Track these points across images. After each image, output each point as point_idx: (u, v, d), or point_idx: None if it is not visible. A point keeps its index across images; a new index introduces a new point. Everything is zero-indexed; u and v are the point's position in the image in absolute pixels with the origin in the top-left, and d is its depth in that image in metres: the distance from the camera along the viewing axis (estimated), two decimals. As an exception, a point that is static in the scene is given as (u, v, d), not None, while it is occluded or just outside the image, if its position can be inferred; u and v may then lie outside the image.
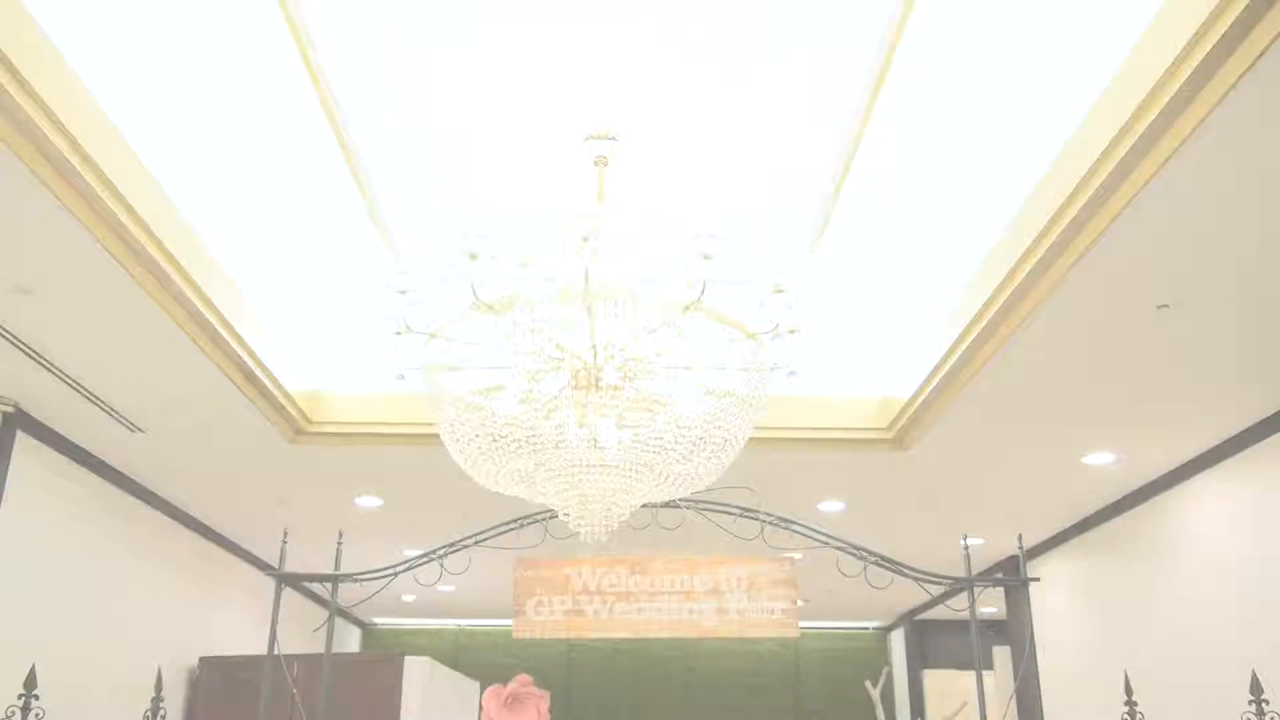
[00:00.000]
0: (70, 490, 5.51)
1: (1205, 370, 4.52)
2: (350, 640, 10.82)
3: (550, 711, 10.03)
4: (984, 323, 4.23)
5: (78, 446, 5.47)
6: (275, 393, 4.96)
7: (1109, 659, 6.49)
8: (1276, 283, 3.76)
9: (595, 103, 3.44)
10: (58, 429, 5.24)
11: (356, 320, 4.82)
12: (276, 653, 3.75)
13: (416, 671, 6.96)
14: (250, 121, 3.60)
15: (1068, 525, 7.10)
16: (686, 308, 2.63)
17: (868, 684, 9.69)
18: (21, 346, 4.28)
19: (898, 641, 11.05)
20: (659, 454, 2.80)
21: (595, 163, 3.47)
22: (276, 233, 4.29)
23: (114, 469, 5.85)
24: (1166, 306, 3.94)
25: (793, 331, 2.89)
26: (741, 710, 10.63)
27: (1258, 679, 3.85)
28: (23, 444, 5.01)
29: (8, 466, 4.88)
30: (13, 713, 3.84)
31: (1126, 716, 3.83)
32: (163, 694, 3.96)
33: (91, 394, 4.78)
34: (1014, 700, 7.35)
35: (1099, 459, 5.69)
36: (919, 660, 10.66)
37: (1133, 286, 3.80)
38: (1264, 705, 3.80)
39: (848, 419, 5.49)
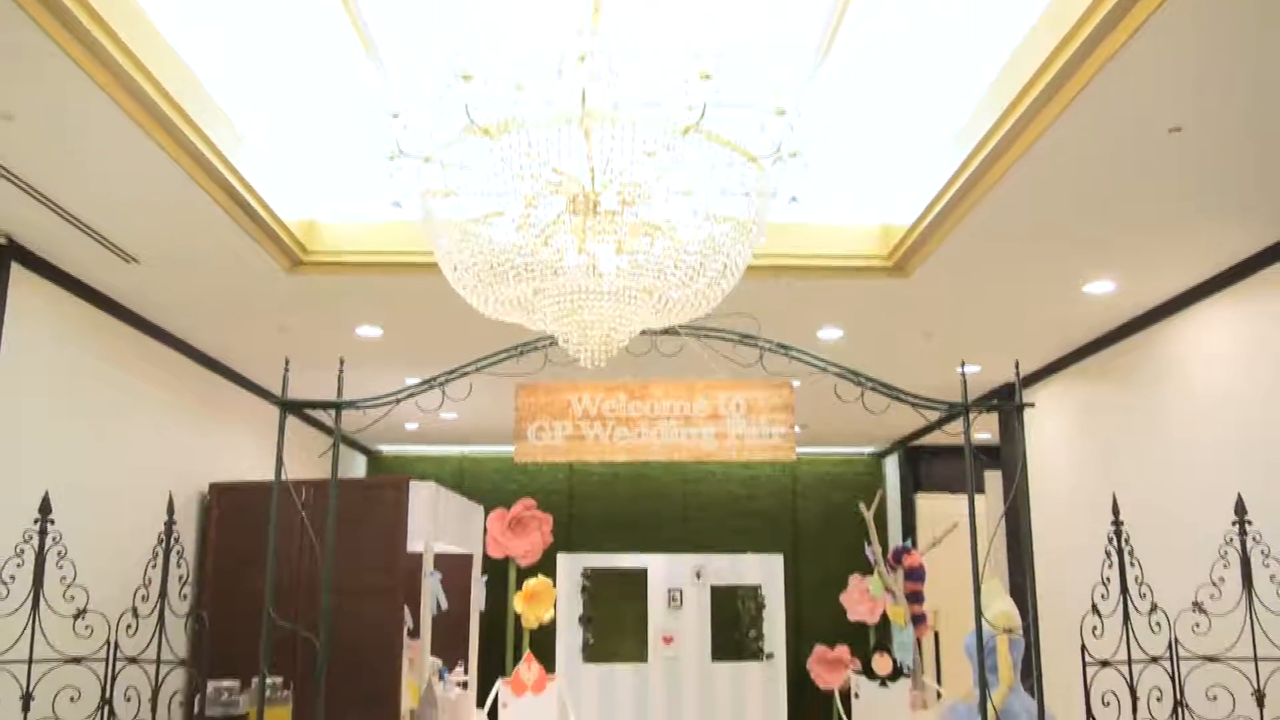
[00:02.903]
0: (70, 322, 5.53)
1: (1212, 197, 4.47)
2: (356, 467, 11.07)
3: (552, 534, 10.42)
4: (989, 147, 4.15)
5: (74, 279, 5.45)
6: (270, 222, 4.90)
7: (1100, 484, 6.65)
8: (1291, 105, 3.68)
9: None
10: (52, 260, 5.21)
11: (350, 148, 4.72)
12: (284, 478, 3.83)
13: (422, 495, 7.13)
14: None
15: (1065, 353, 7.15)
16: (686, 130, 2.56)
17: (861, 506, 9.98)
18: (6, 175, 4.20)
19: (892, 466, 11.31)
20: (658, 280, 2.78)
21: (592, -21, 3.32)
22: (267, 60, 4.15)
23: (112, 300, 5.85)
24: (1179, 130, 3.85)
25: (794, 155, 2.83)
26: (740, 532, 10.97)
27: (1242, 500, 3.95)
28: (18, 276, 5.00)
29: (4, 300, 4.88)
30: (30, 536, 3.96)
31: (1112, 535, 3.95)
32: (175, 518, 4.07)
33: (83, 224, 4.73)
34: (1003, 521, 7.59)
35: (1100, 287, 5.68)
36: (912, 484, 10.94)
37: (1144, 108, 3.71)
38: (1247, 525, 3.92)
39: (848, 246, 5.45)
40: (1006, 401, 4.07)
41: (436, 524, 7.34)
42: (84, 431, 5.68)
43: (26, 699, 3.80)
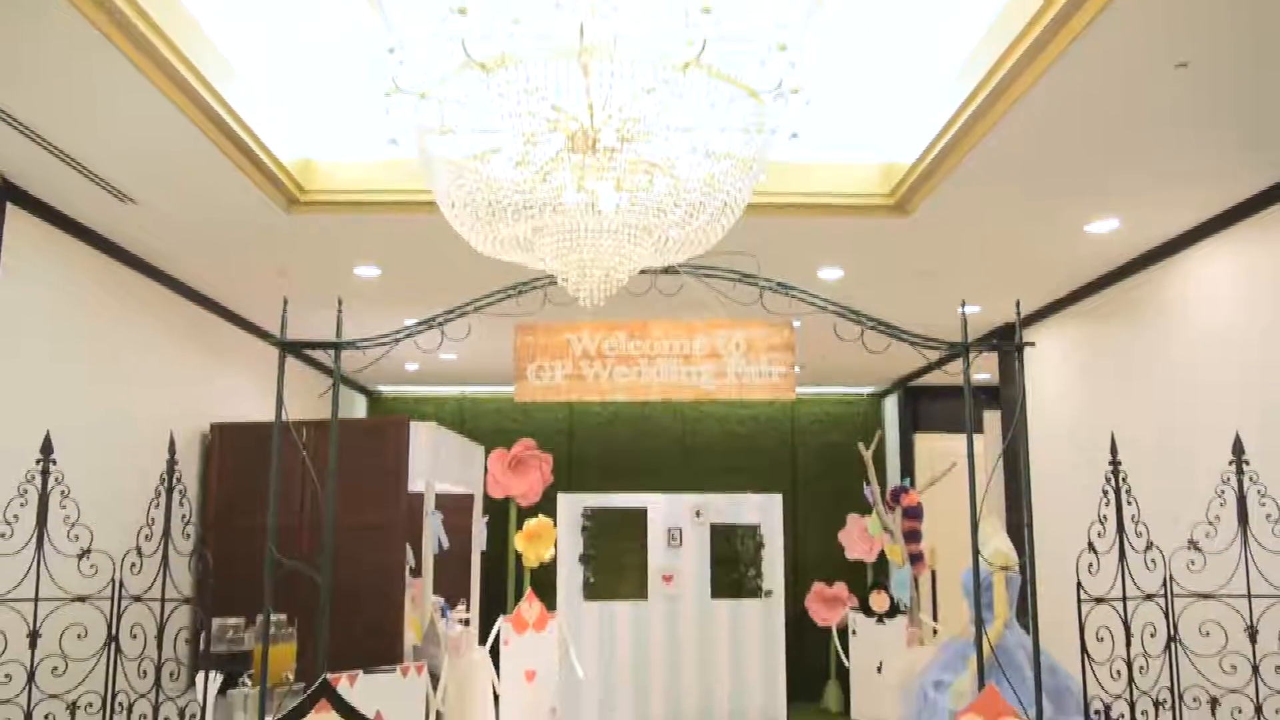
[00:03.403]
0: (68, 263, 5.50)
1: (1219, 134, 4.42)
2: (357, 408, 11.10)
3: (552, 474, 10.44)
4: (993, 83, 4.09)
5: (71, 219, 5.42)
6: (266, 161, 4.85)
7: (1098, 423, 6.66)
8: (1300, 40, 3.62)
9: None
10: (49, 201, 5.17)
11: (347, 85, 4.66)
12: (284, 419, 3.83)
13: (423, 435, 7.15)
14: None
15: (1066, 294, 7.13)
16: (686, 65, 2.53)
17: (860, 446, 10.02)
18: (1, 115, 4.16)
19: (891, 407, 11.34)
20: (658, 218, 2.77)
21: (589, -91, 3.25)
22: (256, -9, 4.09)
23: (110, 241, 5.82)
24: (1185, 65, 3.80)
25: (795, 91, 2.80)
26: (738, 472, 11.02)
27: (1240, 440, 3.97)
28: (14, 217, 4.96)
29: (0, 240, 4.84)
30: (32, 476, 3.98)
31: (1110, 475, 3.97)
32: (176, 458, 4.09)
33: (78, 164, 4.69)
34: (1001, 461, 7.62)
35: (1103, 226, 5.64)
36: (911, 424, 10.98)
37: (1151, 43, 3.65)
38: (1244, 465, 3.94)
39: (849, 185, 5.40)
40: (1006, 341, 4.06)
41: (437, 464, 7.38)
42: (83, 373, 5.68)
43: (34, 636, 3.85)
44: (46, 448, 4.00)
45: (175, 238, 5.86)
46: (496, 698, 8.52)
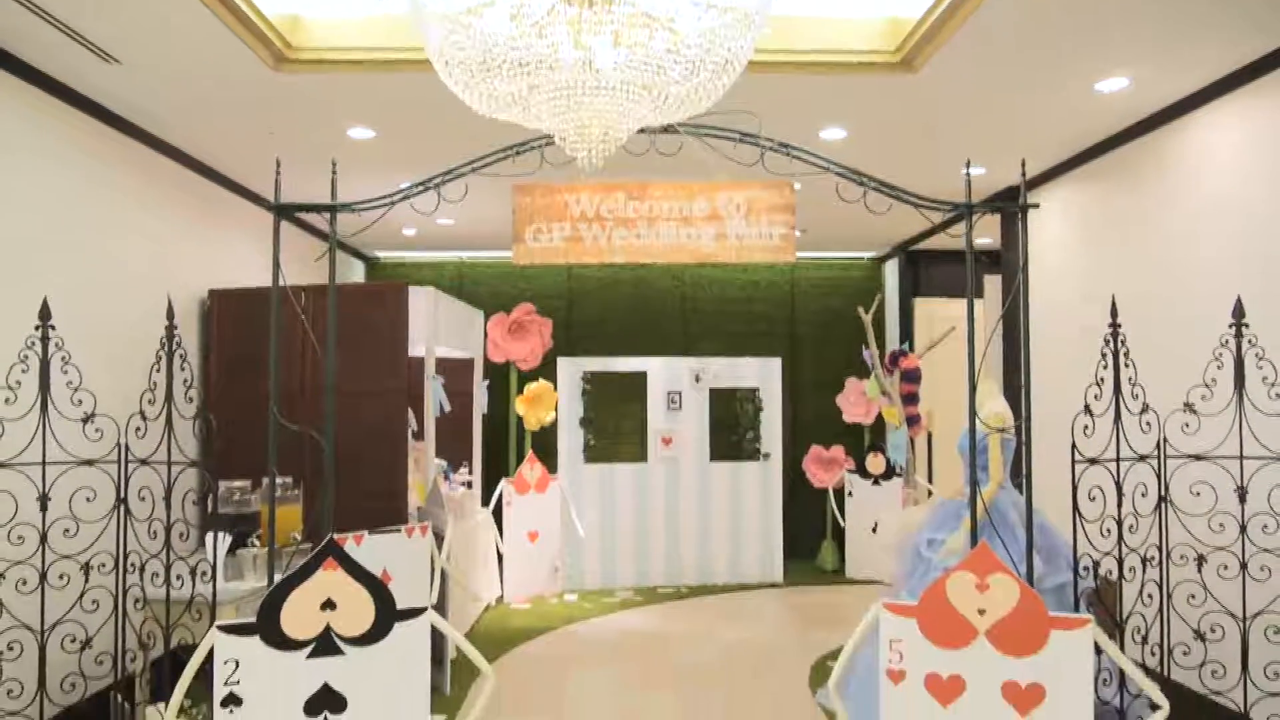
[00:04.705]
0: (55, 129, 5.38)
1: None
2: (355, 274, 11.05)
3: (552, 338, 10.42)
4: (1007, -68, 3.94)
5: (57, 82, 5.27)
6: (250, 14, 4.69)
7: (1101, 287, 6.65)
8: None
9: None
10: (31, 61, 5.03)
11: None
12: (282, 283, 3.81)
13: (422, 300, 7.14)
14: None
15: (1073, 154, 7.02)
16: (687, -89, 2.42)
17: (860, 310, 10.03)
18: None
19: (891, 271, 11.30)
20: (657, 75, 2.69)
21: None
22: None
23: (98, 104, 5.68)
24: (1206, -88, 3.64)
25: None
26: (738, 336, 11.06)
27: (1241, 304, 3.96)
28: (-4, 77, 4.86)
29: (-16, 101, 4.73)
30: (32, 342, 3.98)
31: (1109, 338, 3.97)
32: (176, 324, 4.08)
33: (55, 19, 4.53)
34: (1001, 324, 7.64)
35: (1113, 84, 5.51)
36: (911, 289, 10.96)
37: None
38: (1244, 328, 3.94)
39: (853, 41, 5.25)
40: (1010, 202, 4.01)
41: (437, 329, 7.39)
42: (78, 240, 5.61)
43: (43, 500, 3.91)
44: (45, 313, 3.99)
45: (162, 99, 5.72)
46: (500, 557, 8.76)
